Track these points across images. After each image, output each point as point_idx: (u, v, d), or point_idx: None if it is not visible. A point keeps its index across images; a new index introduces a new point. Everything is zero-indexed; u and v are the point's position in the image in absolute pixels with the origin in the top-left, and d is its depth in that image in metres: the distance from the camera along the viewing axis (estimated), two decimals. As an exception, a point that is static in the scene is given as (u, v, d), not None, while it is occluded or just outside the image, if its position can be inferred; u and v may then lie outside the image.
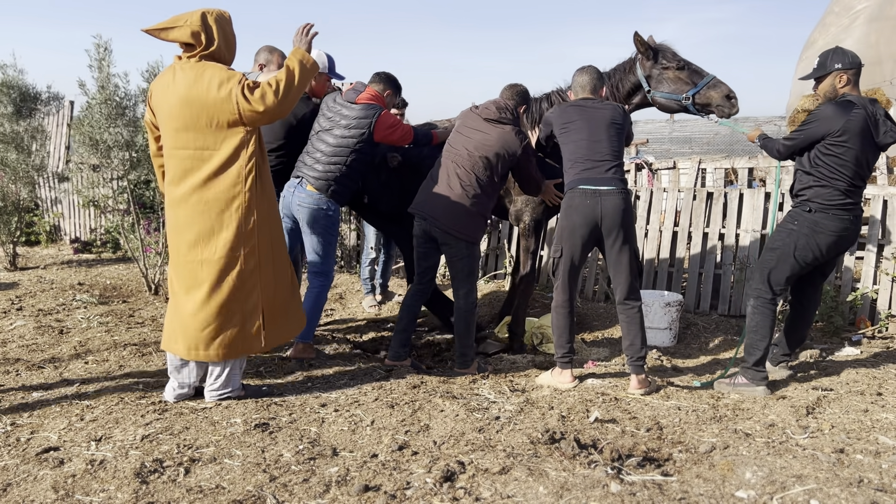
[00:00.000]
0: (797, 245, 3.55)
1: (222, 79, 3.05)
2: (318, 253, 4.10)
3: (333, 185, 4.00)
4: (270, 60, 4.55)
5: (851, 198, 3.51)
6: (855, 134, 3.40)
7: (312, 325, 4.15)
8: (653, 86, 4.23)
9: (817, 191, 3.51)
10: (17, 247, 7.39)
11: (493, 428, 2.97)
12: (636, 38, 4.21)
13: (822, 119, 3.46)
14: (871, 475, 2.51)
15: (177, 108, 3.09)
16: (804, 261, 3.58)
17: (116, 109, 5.69)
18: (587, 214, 3.62)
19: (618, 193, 3.62)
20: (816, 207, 3.51)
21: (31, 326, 4.78)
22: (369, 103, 4.05)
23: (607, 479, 2.41)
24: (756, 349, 3.63)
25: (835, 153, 3.45)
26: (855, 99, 3.45)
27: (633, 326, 3.70)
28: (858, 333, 4.80)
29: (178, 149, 3.15)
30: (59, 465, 2.58)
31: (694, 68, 4.21)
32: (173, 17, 3.15)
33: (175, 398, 3.27)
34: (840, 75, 3.50)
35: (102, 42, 5.63)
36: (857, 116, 3.39)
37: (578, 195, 3.64)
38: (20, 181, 7.00)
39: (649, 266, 5.87)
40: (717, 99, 4.12)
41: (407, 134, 4.15)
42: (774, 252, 3.63)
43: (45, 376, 3.71)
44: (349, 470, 2.55)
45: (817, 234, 3.52)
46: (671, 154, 12.60)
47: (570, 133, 3.76)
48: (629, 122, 3.90)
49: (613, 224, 3.62)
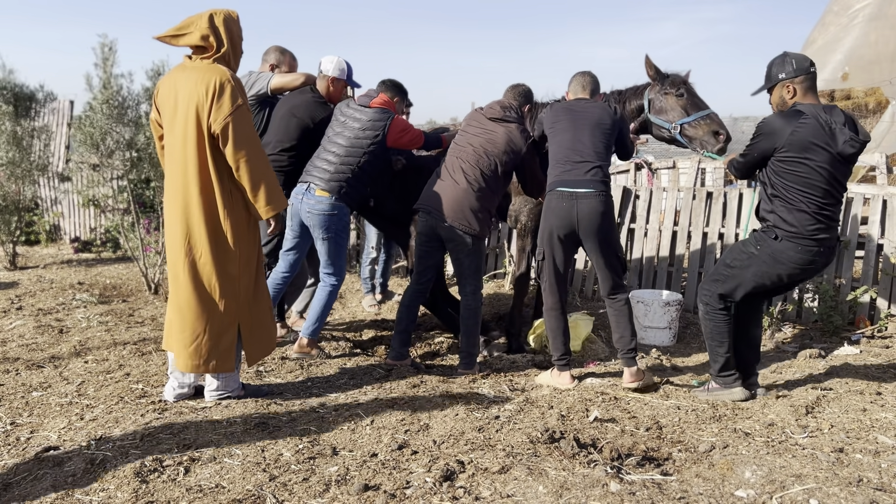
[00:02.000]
0: (754, 271, 3.28)
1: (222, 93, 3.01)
2: (329, 255, 4.08)
3: (345, 186, 3.96)
4: (282, 61, 4.55)
5: (822, 223, 3.15)
6: (804, 147, 3.08)
7: (320, 323, 4.14)
8: (651, 110, 4.22)
9: (783, 215, 3.18)
10: (17, 246, 7.39)
11: (493, 427, 2.97)
12: (647, 62, 4.20)
13: (766, 133, 3.18)
14: (870, 474, 2.51)
15: (178, 108, 3.09)
16: (759, 285, 3.32)
17: (118, 109, 5.69)
18: (563, 217, 3.60)
19: (595, 196, 3.56)
20: (784, 235, 3.18)
21: (31, 326, 4.78)
22: (382, 108, 4.08)
23: (607, 479, 2.41)
24: (718, 355, 3.44)
25: (792, 171, 3.13)
26: (805, 108, 3.13)
27: (622, 319, 3.71)
28: (858, 333, 4.81)
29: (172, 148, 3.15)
30: (58, 464, 2.58)
31: (695, 100, 4.14)
32: (182, 22, 3.13)
33: (175, 397, 3.27)
34: (786, 86, 3.21)
35: (108, 41, 5.63)
36: (805, 127, 3.07)
37: (556, 197, 3.63)
38: (20, 180, 7.00)
39: (649, 265, 5.87)
40: (704, 133, 4.06)
41: (417, 139, 4.17)
42: (729, 269, 3.36)
43: (45, 375, 3.71)
44: (349, 469, 2.55)
45: (778, 264, 3.22)
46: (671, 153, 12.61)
47: (556, 133, 3.76)
48: (621, 125, 3.81)
49: (590, 227, 3.58)
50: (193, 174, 3.06)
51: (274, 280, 4.21)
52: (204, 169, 3.07)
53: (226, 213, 3.11)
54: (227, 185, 3.11)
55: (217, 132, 3.01)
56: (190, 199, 3.09)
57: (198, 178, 3.06)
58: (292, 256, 4.21)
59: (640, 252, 5.92)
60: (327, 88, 4.29)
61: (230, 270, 3.16)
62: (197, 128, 3.04)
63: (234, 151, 3.02)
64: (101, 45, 5.61)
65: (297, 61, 4.64)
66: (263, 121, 4.41)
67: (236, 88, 3.04)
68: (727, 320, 3.43)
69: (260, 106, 4.40)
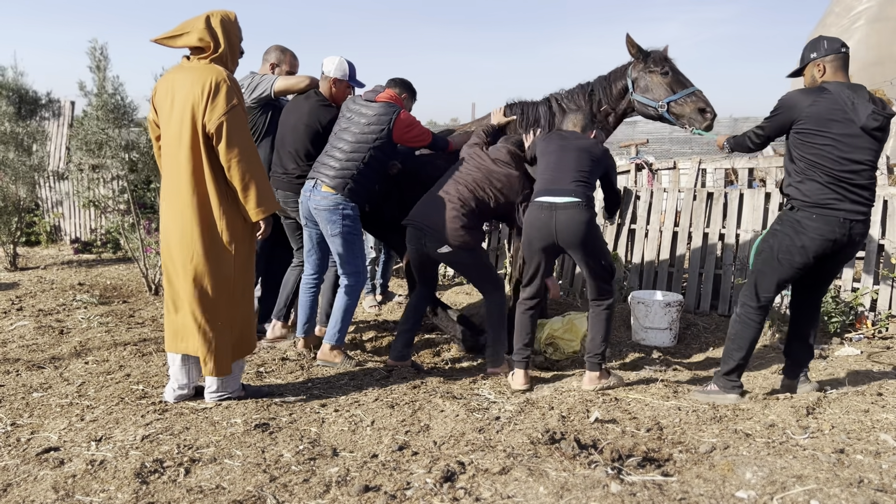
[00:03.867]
0: (780, 246, 3.34)
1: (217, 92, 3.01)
2: (341, 254, 4.00)
3: (350, 182, 3.91)
4: (282, 60, 4.54)
5: (837, 193, 3.21)
6: (822, 119, 3.18)
7: (343, 327, 4.06)
8: (636, 89, 4.21)
9: (799, 187, 3.29)
10: (18, 247, 7.40)
11: (494, 428, 2.97)
12: (628, 40, 4.20)
13: (785, 108, 3.31)
14: (871, 475, 2.51)
15: (175, 108, 3.09)
16: (790, 264, 3.34)
17: (115, 113, 5.68)
18: (541, 229, 3.64)
19: (574, 206, 3.57)
20: (799, 205, 3.29)
21: (32, 326, 4.78)
22: (389, 102, 4.04)
23: (607, 480, 2.41)
24: (731, 359, 3.47)
25: (808, 142, 3.23)
26: (830, 85, 3.25)
27: (598, 324, 3.75)
28: (858, 333, 4.80)
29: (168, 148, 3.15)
30: (59, 465, 2.58)
31: (679, 77, 4.17)
32: (180, 24, 3.15)
33: (175, 398, 3.27)
34: (818, 65, 3.33)
35: (99, 45, 5.60)
36: (824, 101, 3.19)
37: (535, 208, 3.69)
38: (20, 181, 7.00)
39: (649, 266, 5.87)
40: (691, 111, 4.10)
41: (424, 135, 4.13)
42: (760, 256, 3.45)
43: (46, 376, 3.71)
44: (349, 470, 2.55)
45: (800, 234, 3.27)
46: (671, 154, 12.61)
47: (544, 157, 3.84)
48: (609, 163, 3.88)
49: (570, 238, 3.60)
50: (188, 174, 3.07)
51: (306, 284, 4.18)
52: (199, 169, 3.07)
53: (221, 214, 3.11)
54: (222, 186, 3.11)
55: (211, 131, 3.02)
56: (185, 200, 3.09)
57: (193, 178, 3.07)
58: (315, 257, 4.17)
59: (640, 253, 5.92)
60: (330, 90, 4.23)
61: (225, 272, 3.15)
62: (192, 128, 3.04)
63: (227, 151, 3.03)
64: (91, 48, 5.58)
65: (297, 60, 4.62)
66: (266, 124, 4.40)
67: (232, 88, 3.04)
68: (758, 327, 3.45)
69: (262, 109, 4.38)
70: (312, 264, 4.18)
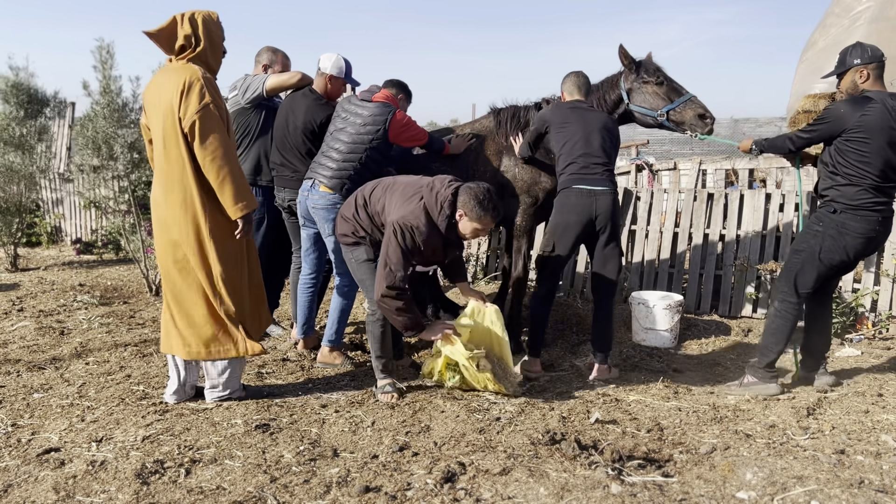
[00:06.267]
0: (823, 247, 3.47)
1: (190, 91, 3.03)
2: (337, 254, 3.97)
3: (348, 183, 3.89)
4: (274, 61, 4.53)
5: (877, 196, 3.40)
6: (874, 129, 3.32)
7: (340, 328, 4.06)
8: (632, 99, 4.27)
9: (842, 190, 3.42)
10: (19, 248, 7.40)
11: (494, 429, 2.97)
12: (621, 51, 4.25)
13: (837, 117, 3.40)
14: (871, 476, 2.51)
15: (158, 108, 3.11)
16: (830, 263, 3.50)
17: (119, 112, 5.68)
18: (581, 213, 3.84)
19: (610, 194, 3.86)
20: (842, 208, 3.43)
21: (32, 327, 4.78)
22: (384, 102, 4.03)
23: (608, 480, 2.41)
24: (770, 351, 3.61)
25: (856, 149, 3.37)
26: (873, 94, 3.39)
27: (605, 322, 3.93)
28: (859, 334, 4.80)
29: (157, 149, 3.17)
30: (59, 465, 2.59)
31: (673, 85, 4.25)
32: (166, 21, 3.17)
33: (175, 399, 3.27)
34: (860, 71, 3.45)
35: (105, 44, 5.61)
36: (874, 111, 3.32)
37: (575, 194, 3.85)
38: (22, 182, 7.00)
39: (650, 267, 5.87)
40: (691, 118, 4.17)
41: (419, 134, 4.12)
42: (800, 255, 3.56)
43: (46, 377, 3.71)
44: (350, 471, 2.55)
45: (844, 235, 3.43)
46: (672, 155, 12.61)
47: (566, 132, 3.93)
48: (617, 130, 4.08)
49: (605, 220, 3.86)
50: (174, 174, 3.09)
51: (304, 284, 4.17)
52: (183, 168, 3.09)
53: (204, 212, 3.12)
54: (206, 185, 3.12)
55: (186, 130, 3.04)
56: (173, 199, 3.11)
57: (179, 177, 3.09)
58: (313, 256, 4.17)
59: (640, 253, 5.92)
60: (325, 86, 4.21)
61: (214, 268, 3.16)
62: (173, 128, 3.06)
63: (201, 149, 3.05)
64: (98, 48, 5.59)
65: (289, 60, 4.61)
66: (259, 124, 4.39)
67: (205, 87, 3.05)
68: (797, 318, 3.61)
69: (256, 108, 4.37)
70: (310, 264, 4.18)
